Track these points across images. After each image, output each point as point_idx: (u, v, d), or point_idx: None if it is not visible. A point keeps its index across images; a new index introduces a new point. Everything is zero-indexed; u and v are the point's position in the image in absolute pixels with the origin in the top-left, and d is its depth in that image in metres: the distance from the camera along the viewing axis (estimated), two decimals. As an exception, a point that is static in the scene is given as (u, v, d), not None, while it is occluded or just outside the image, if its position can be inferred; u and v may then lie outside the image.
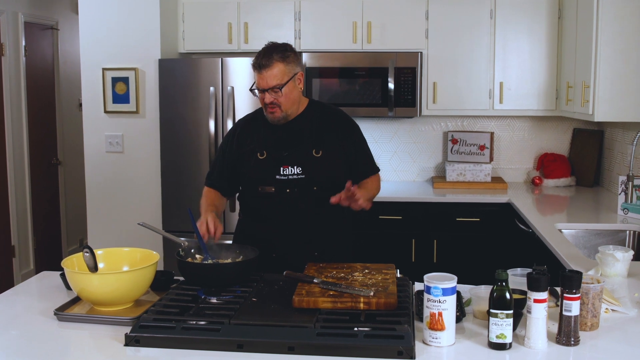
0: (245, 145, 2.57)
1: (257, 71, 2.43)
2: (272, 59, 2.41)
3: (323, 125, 2.58)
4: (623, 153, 4.02)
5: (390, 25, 4.38)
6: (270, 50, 2.44)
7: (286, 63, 2.43)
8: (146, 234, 4.34)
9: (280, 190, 2.50)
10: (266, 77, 2.41)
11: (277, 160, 2.51)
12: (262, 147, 2.54)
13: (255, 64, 2.44)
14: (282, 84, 2.42)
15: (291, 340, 1.71)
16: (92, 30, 4.36)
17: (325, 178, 2.52)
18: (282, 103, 2.45)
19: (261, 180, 2.53)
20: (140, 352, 1.74)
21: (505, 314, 1.71)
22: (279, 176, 2.50)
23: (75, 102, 6.17)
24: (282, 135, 2.54)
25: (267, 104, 2.46)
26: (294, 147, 2.52)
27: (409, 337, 1.70)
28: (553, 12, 4.26)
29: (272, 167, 2.51)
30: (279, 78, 2.42)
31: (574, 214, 3.77)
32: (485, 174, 4.49)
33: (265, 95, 2.44)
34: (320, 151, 2.52)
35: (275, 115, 2.48)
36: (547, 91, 4.32)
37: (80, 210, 6.13)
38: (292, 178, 2.50)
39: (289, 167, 2.50)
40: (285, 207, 2.51)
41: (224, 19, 4.48)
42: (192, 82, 4.18)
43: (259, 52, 2.46)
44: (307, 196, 2.51)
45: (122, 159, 4.43)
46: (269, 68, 2.41)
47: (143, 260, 2.13)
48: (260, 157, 2.53)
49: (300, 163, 2.50)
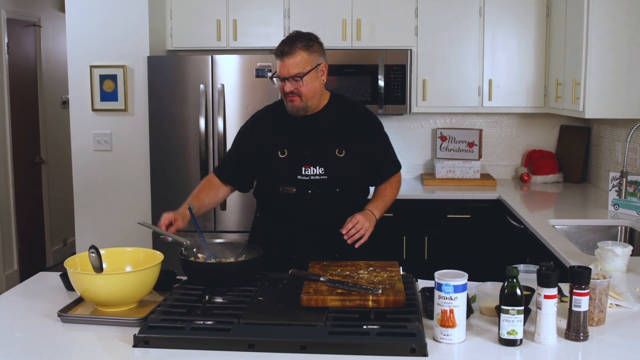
0: (265, 140, 2.50)
1: (279, 58, 2.36)
2: (294, 47, 2.34)
3: (346, 122, 2.50)
4: (611, 149, 4.06)
5: (379, 22, 4.38)
6: (294, 38, 2.38)
7: (309, 52, 2.37)
8: (135, 233, 4.32)
9: (301, 191, 2.43)
10: (287, 65, 2.34)
11: (299, 159, 2.44)
12: (283, 145, 2.46)
13: (277, 51, 2.37)
14: (304, 73, 2.35)
15: (303, 339, 1.70)
16: (79, 27, 4.30)
17: (348, 179, 2.47)
18: (302, 93, 2.38)
19: (282, 180, 2.45)
20: (150, 353, 1.72)
21: (517, 310, 1.71)
22: (300, 176, 2.43)
23: (58, 100, 6.10)
24: (303, 132, 2.47)
25: (287, 92, 2.38)
26: (317, 146, 2.45)
27: (421, 335, 1.70)
28: (541, 10, 4.30)
29: (294, 166, 2.44)
30: (301, 66, 2.35)
31: (565, 210, 3.80)
32: (474, 170, 4.51)
33: (285, 83, 2.37)
34: (343, 151, 2.45)
35: (295, 104, 2.40)
36: (536, 88, 4.36)
37: (64, 209, 6.07)
38: (315, 179, 2.43)
39: (311, 168, 2.43)
40: (306, 209, 2.45)
41: (212, 15, 4.45)
42: (181, 79, 4.15)
43: (283, 40, 2.40)
44: (329, 197, 2.45)
45: (110, 158, 4.37)
46: (291, 55, 2.34)
47: (146, 260, 2.10)
48: (282, 156, 2.45)
49: (323, 163, 2.43)
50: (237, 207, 4.18)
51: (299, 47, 2.35)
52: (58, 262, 6.09)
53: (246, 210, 4.14)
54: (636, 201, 3.29)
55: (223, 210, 4.17)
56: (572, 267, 1.77)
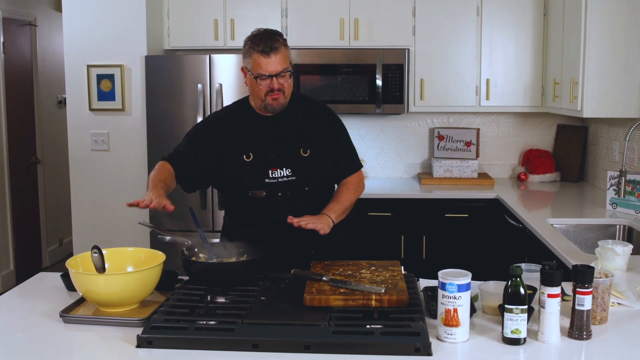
0: (227, 144, 2.44)
1: (264, 55, 2.30)
2: (278, 42, 2.32)
3: (308, 121, 2.49)
4: (608, 149, 4.08)
5: (377, 21, 4.38)
6: (272, 34, 2.34)
7: (286, 47, 2.36)
8: (133, 233, 4.31)
9: (271, 194, 2.41)
10: (275, 61, 2.30)
11: (265, 162, 2.41)
12: (248, 149, 2.42)
13: (262, 49, 2.30)
14: (290, 68, 2.35)
15: (307, 339, 1.70)
16: (75, 26, 4.29)
17: (315, 178, 2.46)
18: (286, 89, 2.36)
19: (250, 185, 2.42)
20: (153, 353, 1.71)
21: (520, 309, 1.72)
22: (268, 179, 2.40)
23: (54, 99, 6.07)
24: (268, 133, 2.44)
25: (273, 89, 2.34)
26: (282, 147, 2.43)
27: (425, 334, 1.70)
28: (538, 9, 4.31)
29: (261, 170, 2.41)
30: (286, 62, 2.33)
31: (563, 209, 3.82)
32: (471, 170, 4.52)
33: (272, 81, 2.32)
34: (308, 150, 2.44)
35: (279, 101, 2.37)
36: (533, 87, 4.36)
37: (60, 209, 6.05)
38: (282, 180, 2.41)
39: (278, 170, 2.41)
40: (278, 210, 2.39)
41: (209, 15, 4.44)
42: (179, 79, 4.14)
43: (258, 37, 2.34)
44: (299, 197, 2.43)
45: (107, 158, 4.36)
46: (277, 51, 2.30)
47: (148, 260, 2.09)
48: (247, 160, 2.41)
49: (290, 164, 2.41)
50: (235, 207, 4.17)
51: (282, 42, 2.34)
52: (54, 262, 6.07)
53: (244, 209, 4.13)
54: (634, 200, 3.30)
55: (220, 210, 4.16)
56: (576, 266, 1.77)
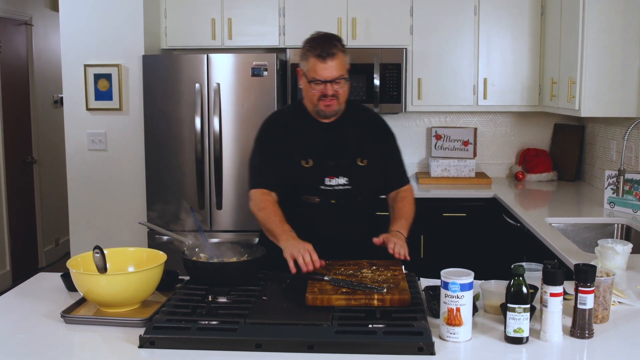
0: (288, 147, 2.42)
1: (319, 60, 2.27)
2: (336, 47, 2.28)
3: (364, 130, 2.46)
4: (605, 148, 4.09)
5: (375, 21, 4.39)
6: (331, 38, 2.31)
7: (344, 53, 2.33)
8: (130, 233, 4.31)
9: (325, 201, 2.39)
10: (331, 67, 2.27)
11: (324, 170, 2.39)
12: (308, 154, 2.40)
13: (319, 52, 2.27)
14: (346, 74, 2.31)
15: (310, 339, 1.70)
16: (73, 25, 4.27)
17: (370, 188, 2.45)
18: (341, 95, 2.33)
19: (305, 190, 2.40)
20: (155, 353, 1.71)
21: (523, 308, 1.72)
22: (323, 186, 2.38)
23: (50, 99, 6.06)
24: (326, 140, 2.42)
25: (327, 95, 2.31)
26: (340, 155, 2.41)
27: (428, 333, 1.70)
28: (536, 9, 4.32)
29: (318, 176, 2.38)
30: (343, 68, 2.30)
31: (560, 208, 3.82)
32: (469, 169, 4.53)
33: (327, 86, 2.30)
34: (365, 160, 2.42)
35: (333, 107, 2.35)
36: (530, 87, 4.37)
37: (56, 209, 6.03)
38: (338, 188, 2.39)
39: (335, 178, 2.38)
40: (329, 218, 2.40)
41: (207, 14, 4.43)
42: (176, 78, 4.12)
43: (316, 40, 2.31)
44: (351, 206, 2.42)
45: (105, 157, 4.35)
46: (334, 57, 2.27)
47: (149, 260, 2.09)
48: (306, 165, 2.39)
49: (347, 173, 2.39)
50: (232, 207, 4.16)
51: (340, 48, 2.30)
52: (50, 263, 6.06)
53: (241, 209, 4.13)
54: (632, 199, 3.31)
55: (219, 210, 4.16)
56: (578, 265, 1.78)
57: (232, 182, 4.14)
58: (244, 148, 4.11)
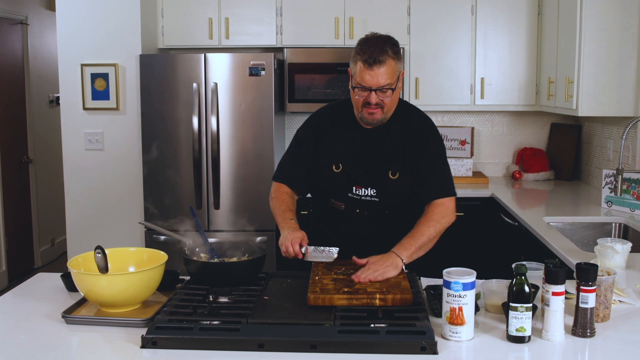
0: (323, 148, 2.35)
1: (366, 66, 2.11)
2: (386, 54, 2.11)
3: (405, 137, 2.29)
4: (602, 147, 4.10)
5: (372, 20, 4.38)
6: (382, 43, 2.13)
7: (397, 60, 2.16)
8: (127, 233, 4.30)
9: (350, 209, 2.32)
10: (377, 75, 2.11)
11: (352, 178, 2.31)
12: (339, 159, 2.31)
13: (367, 58, 2.11)
14: (394, 84, 2.15)
15: (313, 339, 1.70)
16: (69, 25, 4.26)
17: (399, 202, 2.33)
18: (386, 104, 2.18)
19: (333, 195, 2.35)
20: (158, 354, 1.71)
21: (525, 307, 1.72)
22: (351, 194, 2.31)
23: (45, 98, 6.03)
24: (359, 148, 2.31)
25: (370, 103, 2.17)
26: (371, 165, 2.29)
27: (430, 333, 1.70)
28: (532, 9, 4.32)
29: (346, 184, 2.31)
30: (391, 77, 2.13)
31: (558, 207, 3.83)
32: (466, 168, 4.53)
33: (371, 95, 2.15)
34: (397, 173, 2.28)
35: (376, 117, 2.21)
36: (527, 86, 4.38)
37: (52, 209, 6.01)
38: (365, 199, 2.31)
39: (362, 188, 2.30)
40: (353, 226, 2.35)
41: (204, 14, 4.43)
42: (174, 78, 4.12)
43: (366, 43, 2.15)
44: (377, 218, 2.34)
45: (102, 157, 4.34)
46: (382, 64, 2.10)
47: (150, 260, 2.09)
48: (336, 171, 2.32)
49: (376, 185, 2.29)
50: (230, 207, 4.16)
51: (390, 55, 2.13)
52: (46, 263, 6.04)
53: (239, 209, 4.13)
54: (630, 198, 3.33)
55: (216, 210, 4.15)
56: (580, 264, 1.78)
57: (229, 182, 4.14)
58: (242, 148, 4.10)
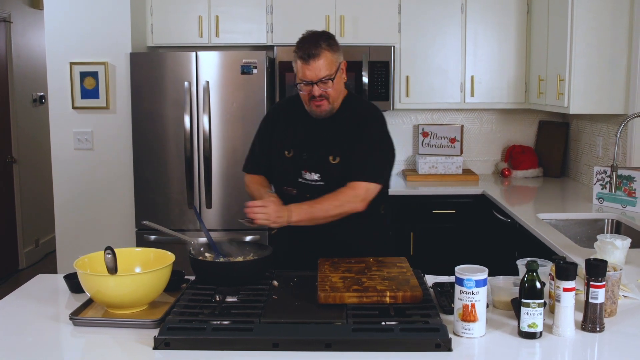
0: (277, 135, 2.47)
1: (303, 62, 2.27)
2: (320, 48, 2.26)
3: (349, 124, 2.40)
4: (591, 144, 4.15)
5: (363, 19, 4.39)
6: (317, 38, 2.29)
7: (333, 51, 2.30)
8: (118, 233, 4.26)
9: (300, 194, 2.40)
10: (315, 68, 2.26)
11: (299, 163, 2.41)
12: (290, 145, 2.43)
13: (302, 54, 2.27)
14: (333, 74, 2.29)
15: (327, 337, 1.70)
16: (57, 22, 4.20)
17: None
18: (330, 95, 2.32)
19: (286, 181, 2.44)
20: (171, 355, 1.69)
21: (537, 303, 1.74)
22: (301, 179, 2.41)
23: (29, 97, 5.95)
24: (308, 133, 2.42)
25: (315, 96, 2.31)
26: (313, 150, 2.40)
27: (444, 330, 1.71)
28: (522, 8, 4.36)
29: (296, 169, 2.41)
30: (329, 68, 2.28)
31: (549, 204, 3.87)
32: (456, 166, 4.56)
33: (313, 87, 2.30)
34: (337, 157, 2.37)
35: (323, 108, 2.34)
36: (517, 84, 4.42)
37: (37, 210, 5.93)
38: (313, 184, 2.39)
39: (309, 173, 2.39)
40: None
41: (194, 12, 4.40)
42: (164, 76, 4.08)
43: (302, 41, 2.31)
44: None
45: (91, 157, 4.29)
46: (318, 58, 2.26)
47: (157, 261, 2.07)
48: (288, 156, 2.43)
49: (319, 169, 2.39)
50: (222, 205, 4.14)
51: (324, 47, 2.28)
52: (31, 264, 5.96)
53: (231, 208, 4.11)
54: (621, 195, 3.37)
55: (208, 209, 4.13)
56: (589, 260, 1.80)
57: (221, 181, 4.12)
58: (234, 146, 4.08)
